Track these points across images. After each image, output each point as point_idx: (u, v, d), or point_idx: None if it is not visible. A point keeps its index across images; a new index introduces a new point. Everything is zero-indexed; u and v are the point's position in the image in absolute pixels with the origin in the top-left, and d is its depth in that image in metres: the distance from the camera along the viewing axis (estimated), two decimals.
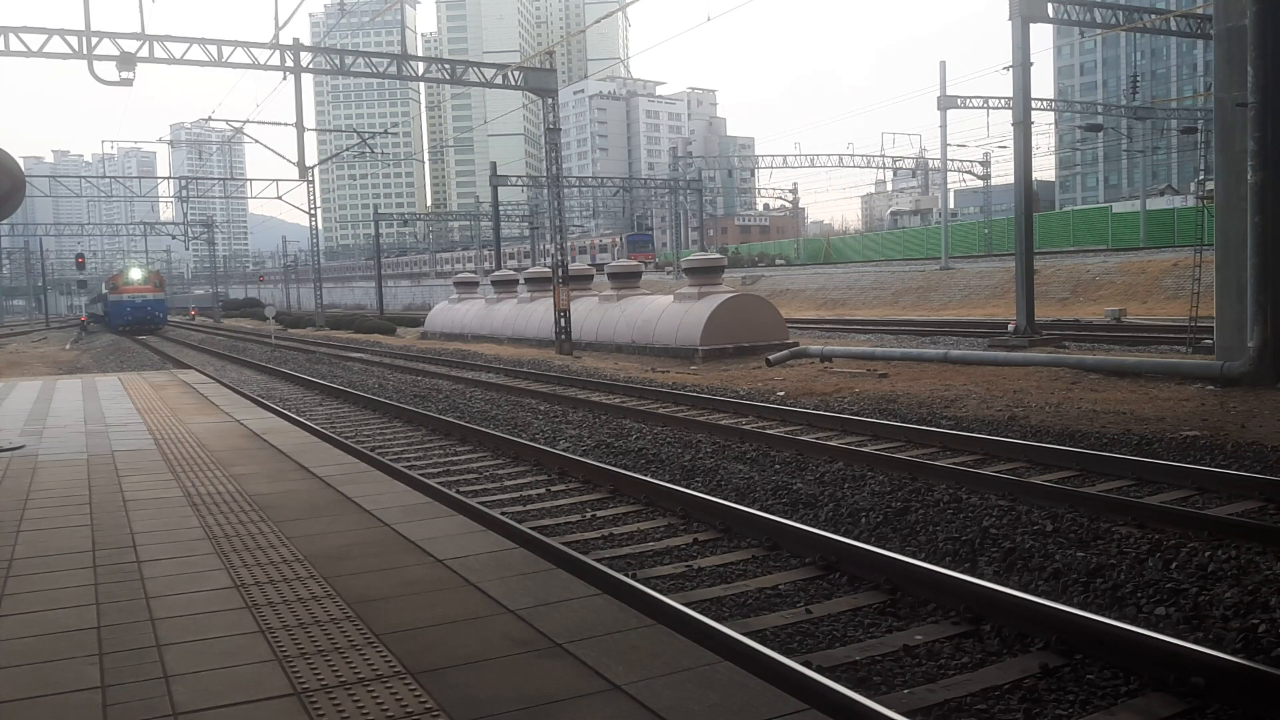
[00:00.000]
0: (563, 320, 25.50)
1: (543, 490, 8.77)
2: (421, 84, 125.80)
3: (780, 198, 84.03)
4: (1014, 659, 4.55)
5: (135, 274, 57.25)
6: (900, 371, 16.57)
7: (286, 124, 28.99)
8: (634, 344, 24.07)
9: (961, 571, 5.64)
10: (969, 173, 63.65)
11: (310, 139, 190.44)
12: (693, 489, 8.15)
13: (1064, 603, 4.99)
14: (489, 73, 25.80)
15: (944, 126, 42.58)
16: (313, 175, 43.55)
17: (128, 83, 20.54)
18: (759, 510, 7.19)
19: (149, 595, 4.04)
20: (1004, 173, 55.88)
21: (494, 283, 35.65)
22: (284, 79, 23.78)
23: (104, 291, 62.53)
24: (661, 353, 22.55)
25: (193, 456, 7.63)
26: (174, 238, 66.06)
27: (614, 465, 9.36)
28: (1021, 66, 21.12)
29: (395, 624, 3.59)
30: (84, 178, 56.18)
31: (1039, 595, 5.16)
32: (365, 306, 72.41)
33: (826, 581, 5.84)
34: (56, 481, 6.75)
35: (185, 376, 17.06)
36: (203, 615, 3.76)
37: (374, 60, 24.99)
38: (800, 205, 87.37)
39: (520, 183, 60.99)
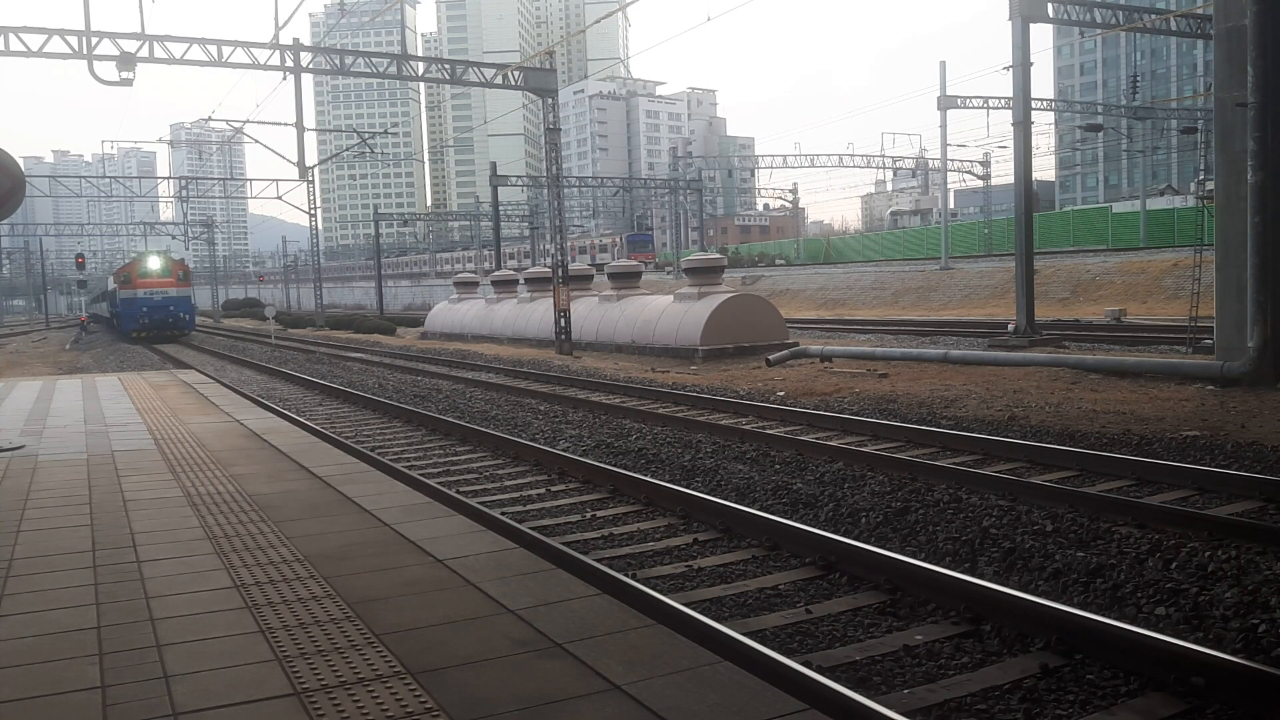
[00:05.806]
0: (563, 320, 25.49)
1: (543, 490, 8.77)
2: (421, 84, 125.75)
3: (780, 198, 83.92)
4: (1014, 659, 4.55)
5: (154, 264, 45.39)
6: (900, 371, 16.57)
7: (286, 124, 29.00)
8: (634, 344, 24.06)
9: (961, 571, 5.64)
10: (969, 173, 63.64)
11: (310, 139, 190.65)
12: (693, 489, 8.15)
13: (1064, 603, 4.99)
14: (489, 73, 25.81)
15: (944, 126, 42.61)
16: (313, 175, 43.51)
17: (128, 83, 20.55)
18: (759, 510, 7.18)
19: (149, 595, 4.04)
20: (1004, 173, 55.91)
21: (494, 283, 35.66)
22: (284, 79, 23.82)
23: (112, 287, 50.65)
24: (661, 353, 22.55)
25: (193, 456, 7.63)
26: (174, 238, 65.78)
27: (614, 465, 9.36)
28: (1021, 66, 21.13)
29: (395, 624, 3.59)
30: (84, 178, 55.88)
31: (1039, 595, 5.16)
32: (365, 306, 72.35)
33: (826, 581, 5.83)
34: (56, 481, 6.75)
35: (185, 376, 17.06)
36: (203, 615, 3.76)
37: (374, 60, 24.99)
38: (800, 205, 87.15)
39: (520, 183, 60.90)
